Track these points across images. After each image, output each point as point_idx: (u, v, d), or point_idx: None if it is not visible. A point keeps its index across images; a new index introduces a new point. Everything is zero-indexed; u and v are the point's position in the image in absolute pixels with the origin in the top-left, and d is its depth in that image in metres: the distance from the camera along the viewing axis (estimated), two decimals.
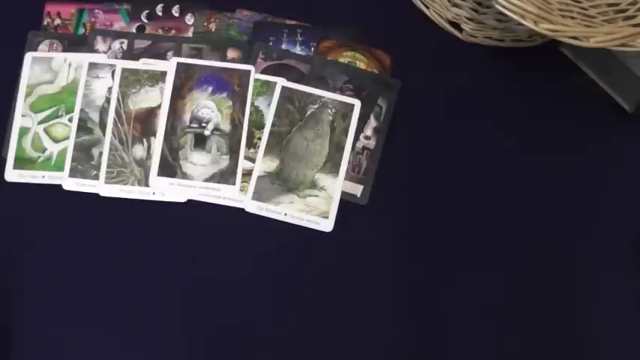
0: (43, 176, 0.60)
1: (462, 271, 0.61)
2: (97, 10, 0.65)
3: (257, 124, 0.63)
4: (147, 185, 0.61)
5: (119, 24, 0.65)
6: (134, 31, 0.65)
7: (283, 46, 0.65)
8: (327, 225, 0.61)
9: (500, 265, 0.61)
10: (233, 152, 0.62)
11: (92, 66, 0.63)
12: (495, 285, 0.60)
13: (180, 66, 0.63)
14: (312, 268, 0.60)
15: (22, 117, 0.61)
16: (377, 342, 0.58)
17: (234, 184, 0.61)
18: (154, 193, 0.60)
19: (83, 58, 0.63)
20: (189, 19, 0.66)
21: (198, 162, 0.61)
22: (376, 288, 0.60)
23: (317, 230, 0.61)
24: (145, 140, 0.62)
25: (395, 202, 0.62)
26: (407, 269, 0.60)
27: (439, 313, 0.60)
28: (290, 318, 0.59)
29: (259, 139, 0.62)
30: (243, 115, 0.62)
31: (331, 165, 0.62)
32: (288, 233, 0.60)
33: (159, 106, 0.62)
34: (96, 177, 0.60)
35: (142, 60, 0.63)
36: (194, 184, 0.60)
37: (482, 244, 0.62)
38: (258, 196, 0.61)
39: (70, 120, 0.62)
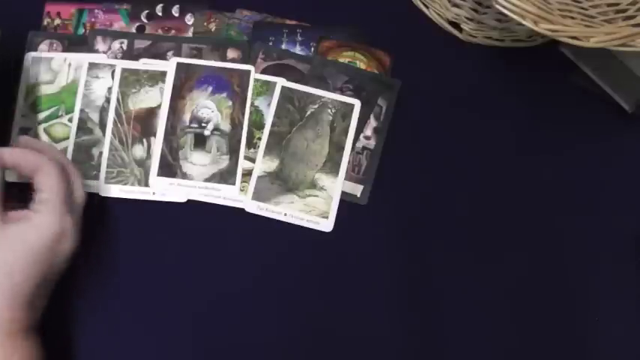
0: None
1: (462, 270, 0.61)
2: (97, 10, 0.65)
3: (257, 124, 0.63)
4: (147, 185, 0.61)
5: (119, 24, 0.65)
6: (134, 31, 0.65)
7: (283, 46, 0.65)
8: (327, 225, 0.61)
9: (499, 264, 0.61)
10: (233, 152, 0.62)
11: (92, 66, 0.63)
12: (495, 285, 0.60)
13: (180, 66, 0.63)
14: (311, 268, 0.60)
15: (22, 117, 0.61)
16: (377, 342, 0.58)
17: (234, 184, 0.61)
18: (154, 193, 0.60)
19: (83, 58, 0.63)
20: (189, 19, 0.66)
21: (198, 162, 0.61)
22: (376, 288, 0.60)
23: (317, 230, 0.61)
24: (145, 140, 0.62)
25: (395, 202, 0.62)
26: (407, 269, 0.60)
27: (440, 312, 0.60)
28: (290, 318, 0.59)
29: (259, 139, 0.62)
30: (243, 115, 0.62)
31: (331, 165, 0.62)
32: (288, 233, 0.60)
33: (159, 106, 0.62)
34: (96, 177, 0.60)
35: (142, 60, 0.63)
36: (194, 184, 0.60)
37: (482, 243, 0.62)
38: (258, 196, 0.61)
39: (70, 120, 0.61)
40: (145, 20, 0.65)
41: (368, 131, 0.63)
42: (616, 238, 0.62)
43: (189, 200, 0.60)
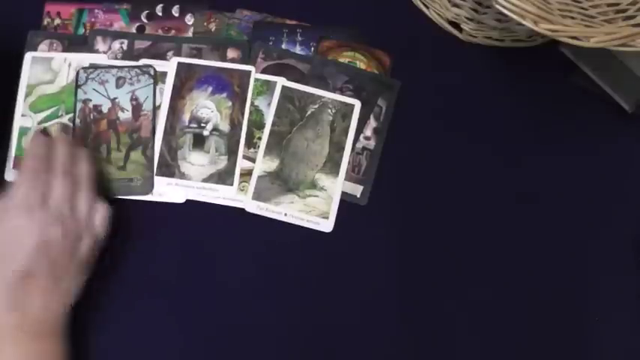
0: None
1: (462, 270, 0.61)
2: (97, 10, 0.65)
3: (257, 123, 0.63)
4: None
5: (119, 24, 0.65)
6: (134, 31, 0.65)
7: (283, 46, 0.65)
8: (327, 225, 0.61)
9: (500, 264, 0.61)
10: (231, 153, 0.61)
11: (92, 66, 0.63)
12: (495, 285, 0.60)
13: (180, 66, 0.63)
14: (311, 269, 0.60)
15: (22, 117, 0.61)
16: (377, 342, 0.58)
17: (231, 184, 0.61)
18: (152, 194, 0.60)
19: (83, 58, 0.63)
20: (189, 19, 0.66)
21: (196, 162, 0.61)
22: (376, 288, 0.60)
23: (317, 230, 0.61)
24: None
25: (395, 202, 0.62)
26: (407, 269, 0.60)
27: (439, 312, 0.60)
28: (290, 318, 0.58)
29: (259, 138, 0.62)
30: (243, 115, 0.62)
31: (331, 165, 0.62)
32: (288, 233, 0.60)
33: (159, 107, 0.62)
34: None
35: (142, 60, 0.63)
36: (192, 185, 0.60)
37: (482, 243, 0.62)
38: (258, 195, 0.61)
39: (70, 120, 0.61)
40: (145, 20, 0.65)
41: (368, 131, 0.63)
42: (616, 238, 0.62)
43: (187, 200, 0.60)
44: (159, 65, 0.63)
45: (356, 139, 0.63)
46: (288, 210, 0.61)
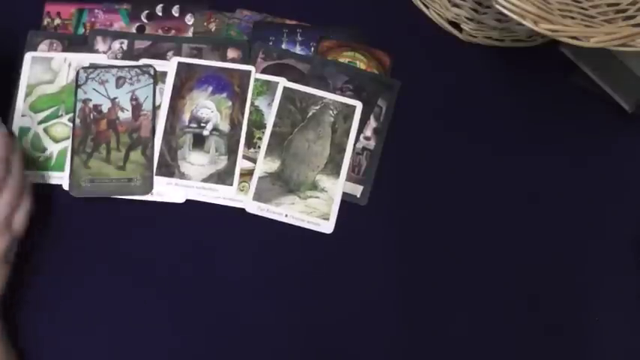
0: (44, 176, 0.60)
1: (462, 270, 0.61)
2: (97, 10, 0.65)
3: (257, 123, 0.63)
4: None
5: (119, 24, 0.65)
6: (134, 31, 0.65)
7: (283, 46, 0.65)
8: (327, 227, 0.60)
9: (500, 264, 0.61)
10: (231, 153, 0.61)
11: (92, 66, 0.63)
12: (495, 285, 0.60)
13: (180, 66, 0.63)
14: (312, 270, 0.60)
15: (21, 117, 0.61)
16: (377, 342, 0.58)
17: (231, 184, 0.61)
18: (152, 194, 0.60)
19: (83, 58, 0.63)
20: (189, 19, 0.66)
21: (196, 162, 0.61)
22: (376, 288, 0.60)
23: (317, 232, 0.61)
24: None
25: (395, 203, 0.62)
26: (407, 269, 0.60)
27: (439, 312, 0.60)
28: (290, 319, 0.58)
29: (259, 138, 0.62)
30: (243, 115, 0.62)
31: (332, 166, 0.62)
32: (289, 234, 0.60)
33: (158, 106, 0.62)
34: None
35: (142, 60, 0.63)
36: (192, 184, 0.60)
37: (482, 243, 0.62)
38: (259, 196, 0.61)
39: (70, 120, 0.61)
40: (145, 20, 0.65)
41: (368, 132, 0.63)
42: (615, 238, 0.62)
43: (187, 200, 0.60)
44: (159, 65, 0.63)
45: (356, 140, 0.63)
46: (288, 211, 0.61)
